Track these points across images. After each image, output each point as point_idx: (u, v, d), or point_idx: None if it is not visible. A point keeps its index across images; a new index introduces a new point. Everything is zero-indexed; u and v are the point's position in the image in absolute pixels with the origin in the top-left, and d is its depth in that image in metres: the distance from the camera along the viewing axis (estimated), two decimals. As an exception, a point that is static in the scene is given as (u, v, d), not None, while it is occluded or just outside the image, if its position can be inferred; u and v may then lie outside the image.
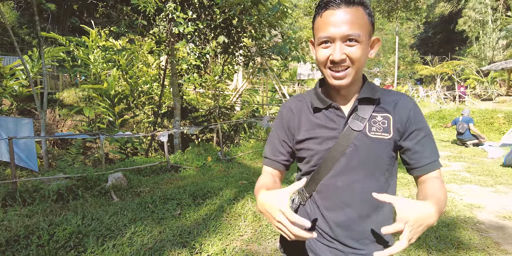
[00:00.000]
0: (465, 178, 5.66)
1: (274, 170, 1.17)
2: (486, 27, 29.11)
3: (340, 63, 0.96)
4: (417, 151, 1.04)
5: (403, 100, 1.07)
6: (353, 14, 0.94)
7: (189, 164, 6.27)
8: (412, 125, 1.04)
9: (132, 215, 3.53)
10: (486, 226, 3.65)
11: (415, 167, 1.05)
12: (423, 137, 1.04)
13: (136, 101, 10.74)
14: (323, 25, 0.96)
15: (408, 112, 1.04)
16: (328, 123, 1.05)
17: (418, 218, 0.81)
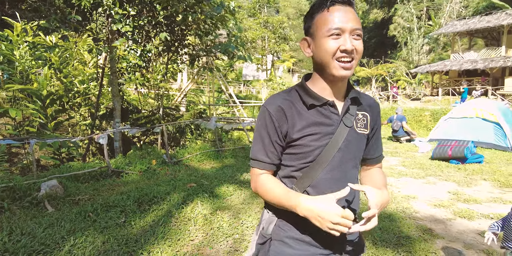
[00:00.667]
0: (401, 172, 6.13)
1: (268, 172, 1.16)
2: (413, 33, 31.99)
3: (351, 53, 1.03)
4: (374, 145, 1.26)
5: (375, 103, 1.25)
6: (354, 12, 1.06)
7: (132, 169, 5.94)
8: (377, 124, 1.24)
9: (71, 226, 3.22)
10: (421, 215, 3.97)
11: (370, 158, 1.27)
12: (379, 134, 1.28)
13: (71, 102, 9.92)
14: (333, 18, 1.03)
15: (378, 113, 1.25)
16: (324, 119, 1.10)
17: (383, 203, 1.04)
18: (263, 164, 1.14)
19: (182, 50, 7.27)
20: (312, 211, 0.97)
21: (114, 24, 5.29)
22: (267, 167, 1.15)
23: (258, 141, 1.15)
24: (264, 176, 1.15)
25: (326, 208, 0.95)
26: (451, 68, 21.38)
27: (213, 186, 4.80)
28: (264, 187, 1.11)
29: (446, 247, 3.12)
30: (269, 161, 1.14)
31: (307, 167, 1.10)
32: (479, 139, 8.28)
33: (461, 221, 3.80)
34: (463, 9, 30.59)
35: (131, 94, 12.71)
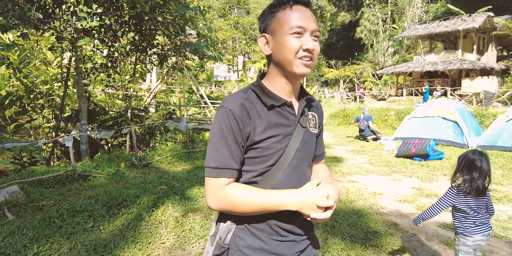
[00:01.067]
0: (368, 169, 6.35)
1: (230, 179, 1.03)
2: (378, 36, 33.19)
3: (311, 52, 1.04)
4: (320, 142, 1.32)
5: (318, 103, 1.30)
6: (313, 14, 1.09)
7: (100, 172, 5.75)
8: (322, 123, 1.31)
9: (34, 233, 3.08)
10: (387, 210, 4.15)
11: (317, 155, 1.29)
12: (322, 132, 1.35)
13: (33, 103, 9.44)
14: (296, 16, 1.02)
15: (322, 113, 1.31)
16: (283, 120, 1.09)
17: (338, 197, 1.06)
18: (231, 172, 1.02)
19: (151, 50, 7.13)
20: (306, 202, 0.98)
21: (79, 21, 5.10)
22: (235, 175, 1.04)
23: (222, 146, 1.01)
24: (234, 185, 1.02)
25: (317, 193, 1.00)
26: (414, 69, 22.42)
27: (184, 188, 4.76)
28: (241, 196, 0.99)
29: (409, 240, 3.28)
30: (237, 167, 1.03)
31: (268, 170, 1.05)
32: (440, 137, 8.75)
33: (424, 215, 4.00)
34: (424, 14, 32.17)
35: (98, 95, 12.29)
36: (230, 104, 1.03)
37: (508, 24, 20.49)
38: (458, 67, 20.06)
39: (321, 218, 0.99)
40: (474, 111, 12.11)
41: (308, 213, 0.98)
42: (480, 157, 2.28)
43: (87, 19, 5.00)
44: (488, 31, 22.20)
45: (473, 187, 2.21)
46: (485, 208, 2.27)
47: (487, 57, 22.98)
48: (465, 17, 21.63)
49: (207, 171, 1.03)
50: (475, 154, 2.31)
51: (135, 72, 8.59)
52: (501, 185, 5.17)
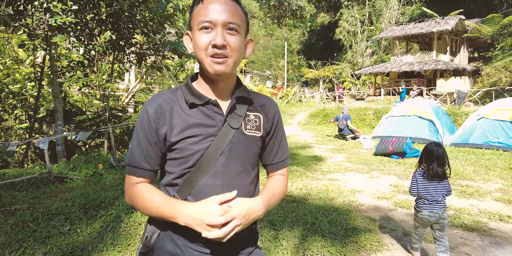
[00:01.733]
0: (347, 167, 6.47)
1: (146, 180, 1.03)
2: (357, 37, 33.82)
3: (222, 48, 0.94)
4: (273, 149, 1.16)
5: (271, 102, 1.16)
6: (233, 5, 0.97)
7: (77, 174, 5.60)
8: (276, 126, 1.15)
9: (6, 239, 2.96)
10: (366, 207, 4.24)
11: (269, 164, 1.18)
12: (281, 138, 1.18)
13: (4, 103, 9.08)
14: (205, 10, 0.94)
15: (275, 114, 1.14)
16: (206, 120, 1.01)
17: (246, 213, 0.92)
18: (141, 171, 1.01)
19: (129, 49, 7.00)
20: (194, 218, 0.89)
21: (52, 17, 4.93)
22: (145, 175, 1.02)
23: (136, 145, 1.02)
24: (141, 186, 1.01)
25: (207, 210, 0.88)
26: (391, 69, 23.01)
27: (165, 189, 4.70)
28: (142, 198, 0.99)
29: (388, 235, 3.37)
30: (149, 168, 1.02)
31: (188, 173, 1.00)
32: (416, 135, 9.01)
33: (401, 210, 4.12)
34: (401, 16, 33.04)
35: (74, 95, 11.95)
36: (149, 103, 1.02)
37: (478, 27, 21.37)
38: (433, 68, 20.75)
39: (212, 237, 0.87)
40: (448, 110, 12.56)
41: (198, 231, 0.89)
42: (437, 147, 2.74)
43: (62, 15, 4.85)
44: (460, 33, 23.06)
45: (434, 173, 2.69)
46: (445, 190, 2.75)
47: (460, 58, 23.88)
48: (439, 19, 22.39)
49: (126, 167, 1.06)
50: (432, 146, 2.78)
51: (112, 72, 8.41)
52: (473, 181, 5.39)
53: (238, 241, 1.02)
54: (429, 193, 2.73)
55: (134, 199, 1.01)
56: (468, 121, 8.94)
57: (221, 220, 0.86)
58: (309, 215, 3.76)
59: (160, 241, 1.04)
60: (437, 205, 2.73)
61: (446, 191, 2.75)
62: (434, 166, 2.70)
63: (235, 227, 0.89)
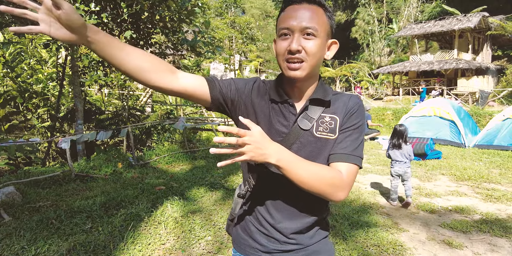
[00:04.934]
0: (366, 169, 6.35)
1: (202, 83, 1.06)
2: (374, 36, 33.28)
3: (296, 53, 0.97)
4: (337, 142, 1.05)
5: (351, 101, 1.09)
6: (313, 10, 0.99)
7: (97, 172, 5.70)
8: (348, 120, 1.07)
9: (32, 235, 3.03)
10: (387, 210, 4.14)
11: (330, 154, 1.05)
12: (350, 132, 1.06)
13: (27, 103, 9.32)
14: (285, 18, 1.00)
15: (349, 111, 1.07)
16: (281, 118, 1.07)
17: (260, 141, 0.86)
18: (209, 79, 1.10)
19: (148, 49, 7.07)
20: None
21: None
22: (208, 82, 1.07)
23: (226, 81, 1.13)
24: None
25: None
26: (410, 69, 22.49)
27: (183, 188, 4.72)
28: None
29: (411, 239, 3.27)
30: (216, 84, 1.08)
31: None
32: (437, 136, 8.77)
33: (424, 214, 4.00)
34: (420, 14, 32.30)
35: (93, 95, 12.19)
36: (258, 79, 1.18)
37: (502, 24, 20.63)
38: (454, 67, 20.16)
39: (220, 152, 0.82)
40: (471, 111, 12.17)
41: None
42: (398, 127, 4.37)
43: (85, 17, 4.94)
44: (483, 31, 22.33)
45: (394, 143, 4.30)
46: (406, 154, 4.23)
47: (482, 57, 23.13)
48: (460, 17, 21.74)
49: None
50: (397, 125, 4.42)
51: (131, 71, 8.51)
52: (499, 184, 5.19)
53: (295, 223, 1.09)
54: (396, 156, 4.28)
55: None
56: (493, 122, 8.63)
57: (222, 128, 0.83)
58: (330, 217, 3.69)
59: (241, 213, 1.20)
60: (402, 164, 4.23)
61: (407, 155, 4.23)
62: (395, 139, 4.29)
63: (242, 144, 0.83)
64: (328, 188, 0.95)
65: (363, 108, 1.10)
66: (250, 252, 1.14)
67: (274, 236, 1.10)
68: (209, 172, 5.82)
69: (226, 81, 1.11)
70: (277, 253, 1.12)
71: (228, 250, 2.98)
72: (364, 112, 1.11)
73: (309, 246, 1.13)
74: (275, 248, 1.11)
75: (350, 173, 1.00)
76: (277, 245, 1.11)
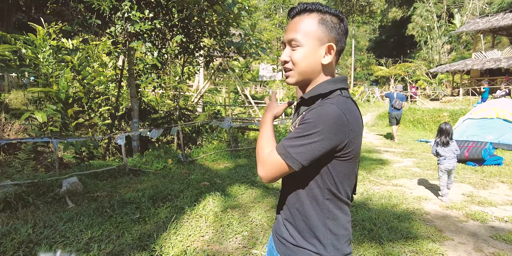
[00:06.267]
0: (415, 173, 6.06)
1: None
2: (433, 32, 31.24)
3: (285, 64, 1.12)
4: None
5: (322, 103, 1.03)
6: (302, 21, 1.08)
7: (149, 167, 6.14)
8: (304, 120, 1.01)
9: (89, 221, 3.40)
10: (432, 216, 3.95)
11: None
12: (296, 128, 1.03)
13: (91, 103, 10.28)
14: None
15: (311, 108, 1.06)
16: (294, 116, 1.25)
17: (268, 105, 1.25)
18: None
19: (198, 53, 7.43)
20: None
21: (131, 25, 5.48)
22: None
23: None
24: None
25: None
26: (472, 67, 20.79)
27: (225, 185, 4.92)
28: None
29: (455, 249, 3.11)
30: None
31: None
32: (500, 141, 8.06)
33: (474, 223, 3.75)
34: (487, 6, 29.66)
35: (149, 95, 13.03)
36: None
37: None
38: (525, 64, 18.26)
39: None
40: (542, 113, 10.94)
41: None
42: (444, 125, 4.59)
43: (140, 23, 5.36)
44: None
45: (442, 141, 4.51)
46: (452, 151, 4.46)
47: (562, 53, 20.64)
48: (535, 8, 19.62)
49: None
50: (442, 124, 4.62)
51: (183, 74, 9.00)
52: None
53: None
54: (445, 153, 4.48)
55: None
56: None
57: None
58: (368, 221, 3.63)
59: None
60: (451, 159, 4.47)
61: (455, 150, 4.46)
62: (442, 137, 4.51)
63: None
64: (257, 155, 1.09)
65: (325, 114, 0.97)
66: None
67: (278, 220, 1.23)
68: (251, 170, 5.97)
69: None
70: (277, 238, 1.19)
71: (262, 246, 3.08)
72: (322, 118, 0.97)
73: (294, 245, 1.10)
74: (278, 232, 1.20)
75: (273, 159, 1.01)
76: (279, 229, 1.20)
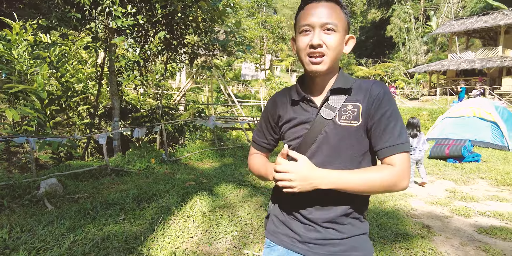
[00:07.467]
0: (398, 170, 6.15)
1: (259, 151, 1.36)
2: (410, 34, 32.05)
3: (318, 47, 1.03)
4: (376, 134, 1.05)
5: (373, 87, 1.08)
6: (331, 7, 1.06)
7: (131, 167, 5.96)
8: (378, 109, 1.05)
9: (71, 224, 3.24)
10: (418, 212, 4.00)
11: (376, 150, 1.06)
12: (387, 121, 1.04)
13: (69, 101, 9.90)
14: (305, 15, 1.06)
15: (375, 98, 1.06)
16: (303, 113, 1.15)
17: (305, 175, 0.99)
18: (256, 145, 1.35)
19: (181, 49, 7.28)
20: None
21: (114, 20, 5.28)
22: (258, 149, 1.35)
23: (258, 126, 1.35)
24: (254, 156, 1.35)
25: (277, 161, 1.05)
26: (448, 68, 21.45)
27: (212, 185, 4.82)
28: (252, 163, 1.34)
29: (443, 243, 3.15)
30: (258, 142, 1.34)
31: None
32: (476, 138, 8.32)
33: (458, 218, 3.83)
34: (461, 10, 30.70)
35: (129, 94, 12.71)
36: (270, 98, 1.30)
37: (554, 19, 19.14)
38: (498, 65, 18.97)
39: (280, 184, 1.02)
40: (515, 112, 11.41)
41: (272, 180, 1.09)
42: (412, 119, 5.09)
43: (122, 19, 5.18)
44: (532, 26, 20.85)
45: (410, 134, 4.95)
46: (422, 142, 4.97)
47: (531, 54, 21.60)
48: (507, 11, 20.41)
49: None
50: (410, 118, 5.13)
51: (166, 71, 8.81)
52: (545, 190, 4.85)
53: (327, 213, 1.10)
54: (414, 144, 4.93)
55: (249, 164, 1.36)
56: (540, 123, 8.06)
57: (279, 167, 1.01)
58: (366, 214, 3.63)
59: (273, 208, 1.29)
60: (418, 150, 4.94)
61: (423, 142, 4.98)
62: (410, 130, 4.97)
63: (288, 180, 0.99)
64: (382, 188, 1.01)
65: (389, 93, 1.08)
66: (286, 242, 1.18)
67: (309, 224, 1.12)
68: (238, 169, 5.90)
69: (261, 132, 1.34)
70: (313, 244, 1.11)
71: (254, 246, 3.02)
72: (392, 97, 1.09)
73: (345, 239, 1.10)
74: (311, 236, 1.11)
75: (402, 162, 1.01)
76: (314, 234, 1.11)
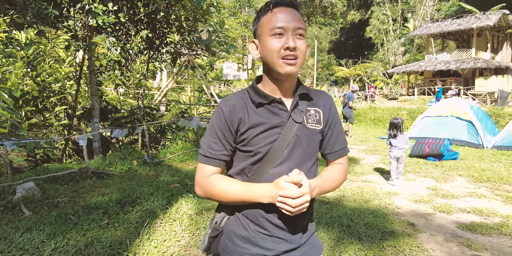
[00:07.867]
0: (381, 169, 6.27)
1: (217, 168, 1.15)
2: (389, 35, 32.83)
3: (294, 50, 1.05)
4: (331, 139, 1.24)
5: (327, 97, 1.25)
6: (297, 14, 1.09)
7: (113, 170, 5.79)
8: (332, 117, 1.23)
9: (51, 230, 3.10)
10: (403, 210, 4.08)
11: (327, 153, 1.25)
12: (338, 128, 1.25)
13: (45, 102, 9.54)
14: (275, 18, 1.06)
15: (330, 106, 1.24)
16: (273, 117, 1.11)
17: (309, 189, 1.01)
18: (218, 162, 1.14)
19: (164, 49, 7.14)
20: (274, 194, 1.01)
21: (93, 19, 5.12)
22: (221, 165, 1.15)
23: (209, 138, 1.15)
24: (215, 177, 1.13)
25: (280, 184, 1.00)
26: (426, 68, 22.10)
27: (198, 186, 4.74)
28: (218, 188, 1.10)
29: (428, 240, 3.21)
30: (224, 158, 1.14)
31: (259, 163, 1.11)
32: (454, 137, 8.59)
33: (441, 215, 3.92)
34: (436, 12, 31.70)
35: (109, 94, 12.40)
36: (223, 104, 1.14)
37: (523, 22, 20.05)
38: (471, 66, 19.70)
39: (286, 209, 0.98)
40: (489, 111, 11.87)
41: (279, 205, 1.01)
42: (394, 119, 5.20)
43: (103, 16, 5.02)
44: (503, 29, 21.76)
45: (392, 133, 5.14)
46: (403, 141, 5.12)
47: (502, 56, 22.54)
48: (479, 15, 21.23)
49: (200, 157, 1.15)
50: (393, 119, 5.25)
51: (147, 71, 8.63)
52: (520, 186, 5.05)
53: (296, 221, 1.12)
54: (395, 143, 5.13)
55: (209, 190, 1.12)
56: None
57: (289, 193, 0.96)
58: (344, 217, 3.66)
59: (229, 224, 1.17)
60: (399, 149, 5.12)
61: (405, 141, 5.13)
62: (391, 131, 5.15)
63: (306, 202, 0.98)
64: (340, 184, 1.24)
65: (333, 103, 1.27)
66: None
67: (278, 236, 1.11)
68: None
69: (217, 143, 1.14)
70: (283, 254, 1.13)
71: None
72: None
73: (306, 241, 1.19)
74: (281, 249, 1.12)
75: (346, 161, 1.29)
76: (284, 245, 1.12)
